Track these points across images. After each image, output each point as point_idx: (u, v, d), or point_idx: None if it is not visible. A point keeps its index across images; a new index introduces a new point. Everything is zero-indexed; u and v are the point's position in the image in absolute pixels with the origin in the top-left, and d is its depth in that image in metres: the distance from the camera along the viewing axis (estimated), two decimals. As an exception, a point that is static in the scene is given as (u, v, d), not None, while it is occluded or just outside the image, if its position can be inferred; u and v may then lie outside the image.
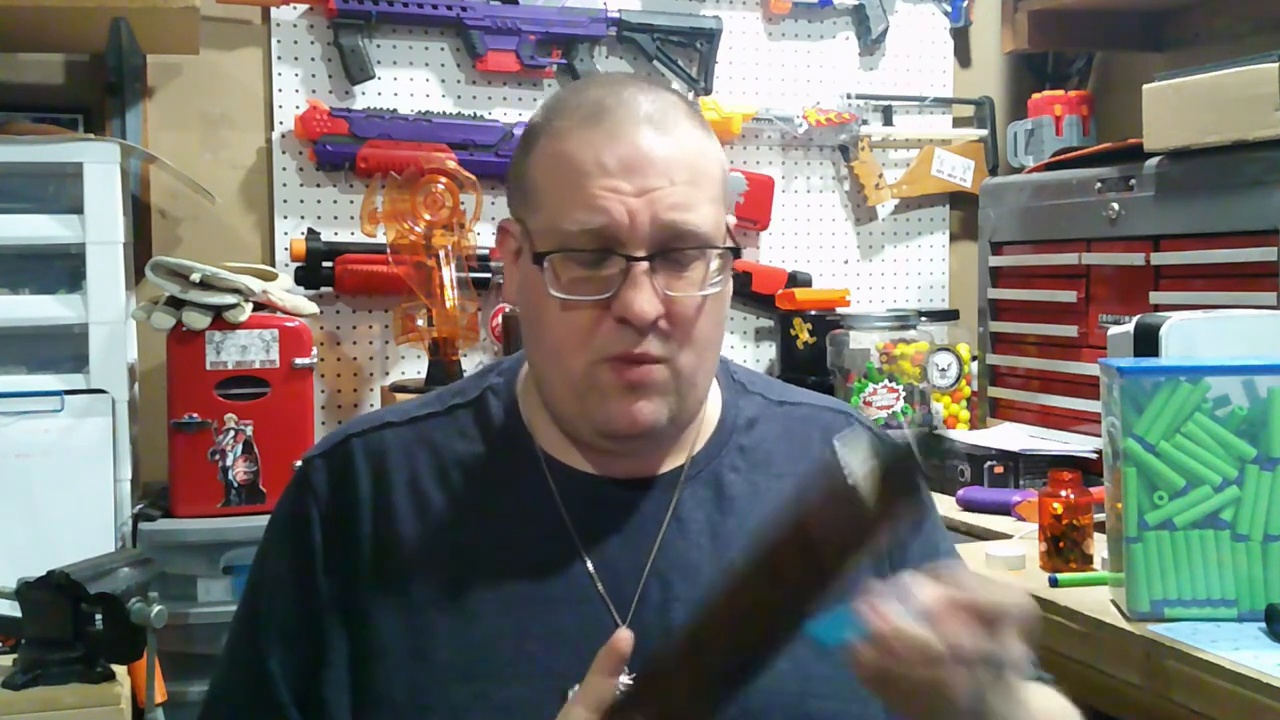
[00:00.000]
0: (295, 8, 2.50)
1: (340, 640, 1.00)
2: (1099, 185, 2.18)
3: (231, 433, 2.14)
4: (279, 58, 2.51)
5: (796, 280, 2.80)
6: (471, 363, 2.53)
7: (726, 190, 1.02)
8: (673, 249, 0.95)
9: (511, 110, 2.61)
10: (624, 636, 0.81)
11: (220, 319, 2.12)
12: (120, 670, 1.68)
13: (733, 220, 1.04)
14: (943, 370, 2.59)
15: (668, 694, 0.77)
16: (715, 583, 0.78)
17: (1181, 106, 1.94)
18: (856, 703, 0.97)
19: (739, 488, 1.04)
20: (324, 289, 2.49)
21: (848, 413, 1.14)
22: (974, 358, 2.61)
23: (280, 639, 1.02)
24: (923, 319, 2.67)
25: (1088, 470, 1.95)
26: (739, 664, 0.77)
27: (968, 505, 2.10)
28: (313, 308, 2.37)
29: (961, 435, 2.42)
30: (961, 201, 2.97)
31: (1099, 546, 1.66)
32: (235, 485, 2.14)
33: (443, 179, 2.36)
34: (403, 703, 0.96)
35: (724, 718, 0.96)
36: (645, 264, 0.94)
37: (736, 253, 1.00)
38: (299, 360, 2.17)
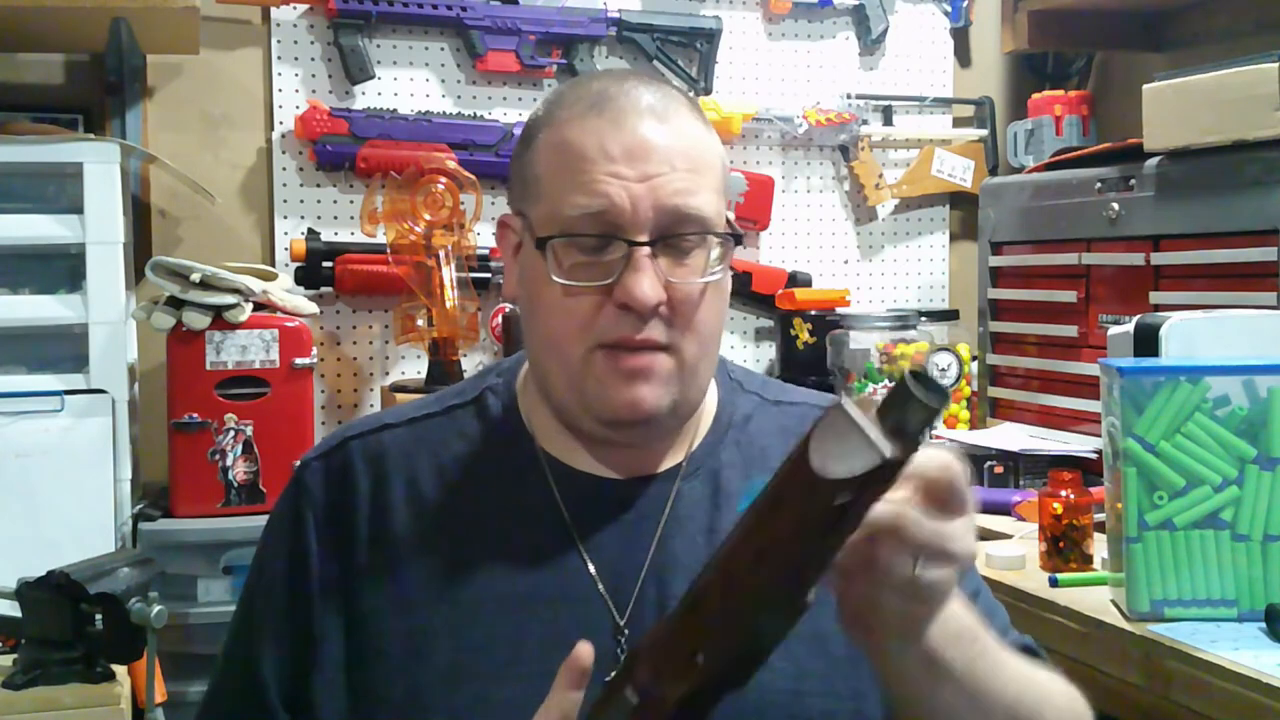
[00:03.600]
0: (295, 8, 2.50)
1: (334, 643, 0.99)
2: (1099, 185, 2.18)
3: (231, 433, 2.14)
4: (279, 58, 2.51)
5: (796, 280, 2.80)
6: (471, 363, 2.53)
7: (726, 184, 1.03)
8: (675, 234, 0.95)
9: (511, 110, 2.61)
10: (584, 650, 0.79)
11: (220, 319, 2.12)
12: (120, 670, 1.68)
13: (732, 215, 1.04)
14: (943, 370, 2.59)
15: (659, 665, 0.73)
16: (715, 547, 0.74)
17: (1181, 106, 1.94)
18: (852, 699, 0.98)
19: (735, 485, 1.03)
20: (324, 289, 2.49)
21: None
22: (974, 358, 2.61)
23: (273, 643, 1.02)
24: (923, 319, 2.67)
25: (1088, 470, 1.95)
26: (735, 633, 0.72)
27: (968, 505, 2.10)
28: (313, 308, 2.37)
29: (961, 435, 2.42)
30: (961, 201, 2.97)
31: (1099, 546, 1.66)
32: (235, 485, 2.14)
33: (443, 179, 2.36)
34: (401, 704, 0.96)
35: (718, 712, 0.96)
36: (647, 249, 0.94)
37: (738, 240, 1.00)
38: (299, 360, 2.17)
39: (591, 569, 0.98)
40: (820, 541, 0.69)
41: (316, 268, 2.44)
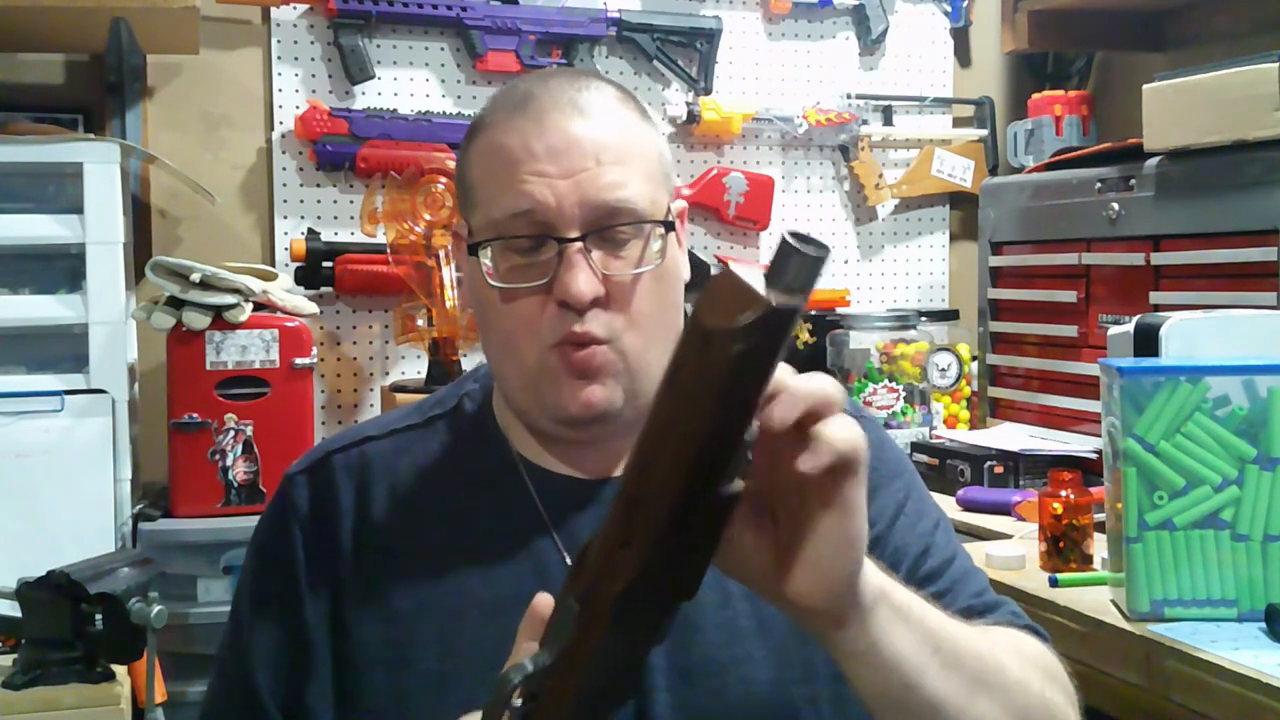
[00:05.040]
0: (295, 8, 2.50)
1: (324, 653, 1.00)
2: (1099, 185, 2.18)
3: (231, 433, 2.14)
4: (279, 58, 2.51)
5: (796, 280, 2.79)
6: (472, 363, 2.53)
7: (666, 171, 1.02)
8: (605, 227, 0.95)
9: (511, 110, 2.61)
10: (543, 601, 0.78)
11: (220, 319, 2.12)
12: (120, 670, 1.68)
13: (682, 205, 1.03)
14: (943, 370, 2.59)
15: (596, 566, 0.72)
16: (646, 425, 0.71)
17: (1181, 106, 1.94)
18: (834, 685, 0.98)
19: None
20: (324, 289, 2.49)
21: None
22: (974, 358, 2.61)
23: (266, 654, 1.02)
24: (923, 319, 2.67)
25: (1088, 470, 1.95)
26: (657, 508, 0.69)
27: (968, 505, 2.10)
28: (313, 308, 2.37)
29: (961, 435, 2.42)
30: (961, 201, 2.97)
31: (1099, 546, 1.66)
32: (235, 485, 2.14)
33: (443, 179, 2.36)
34: (387, 712, 0.96)
35: (700, 703, 0.95)
36: (579, 244, 0.94)
37: (670, 227, 0.98)
38: (299, 360, 2.17)
39: None
40: (723, 400, 0.67)
41: (316, 268, 2.44)
